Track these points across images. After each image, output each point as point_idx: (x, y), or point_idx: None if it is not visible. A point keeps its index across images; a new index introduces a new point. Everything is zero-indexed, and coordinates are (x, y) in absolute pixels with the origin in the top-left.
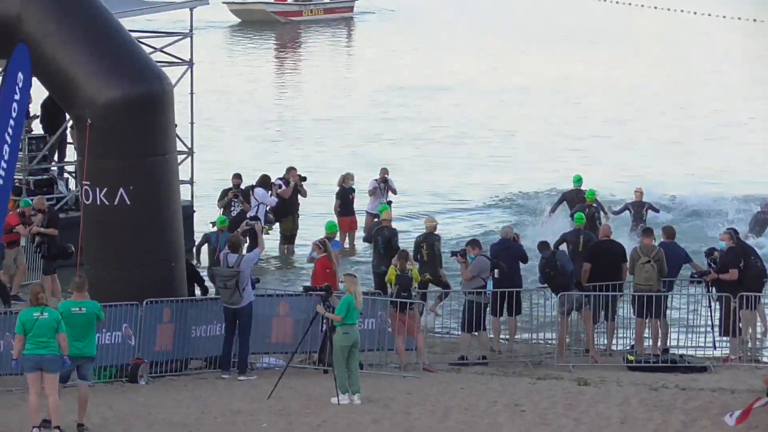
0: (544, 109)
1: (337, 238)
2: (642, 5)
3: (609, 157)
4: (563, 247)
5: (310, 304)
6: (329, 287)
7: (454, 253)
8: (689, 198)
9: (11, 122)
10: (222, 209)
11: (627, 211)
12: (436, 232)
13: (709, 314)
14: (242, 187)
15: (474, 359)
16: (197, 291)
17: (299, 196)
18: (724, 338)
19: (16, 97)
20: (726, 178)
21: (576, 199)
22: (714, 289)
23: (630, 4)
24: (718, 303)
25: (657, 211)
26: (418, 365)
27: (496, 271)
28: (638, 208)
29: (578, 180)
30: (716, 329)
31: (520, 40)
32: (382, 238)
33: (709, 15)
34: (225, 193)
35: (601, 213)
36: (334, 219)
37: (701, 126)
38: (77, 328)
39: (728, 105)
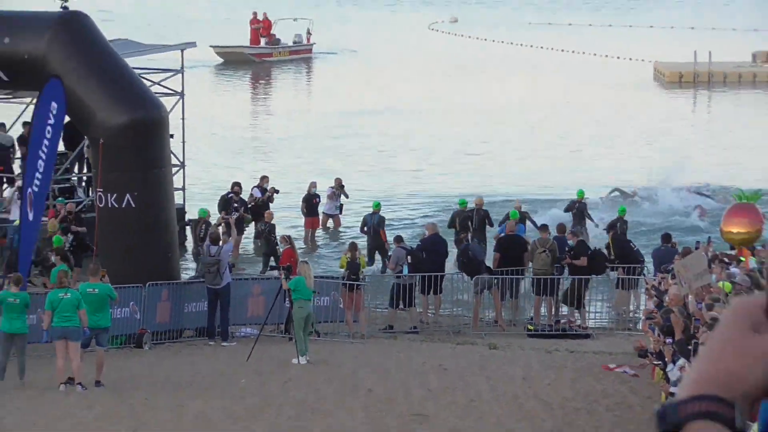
0: (462, 127)
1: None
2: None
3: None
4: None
5: (278, 285)
6: (290, 267)
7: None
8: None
9: (45, 142)
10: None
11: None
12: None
13: (591, 293)
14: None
15: (405, 329)
16: None
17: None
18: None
19: (50, 121)
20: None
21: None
22: (567, 270)
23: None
24: (567, 281)
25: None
26: (363, 334)
27: (409, 258)
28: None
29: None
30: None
31: (460, 73)
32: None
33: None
34: (224, 199)
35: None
36: (302, 219)
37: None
38: (92, 304)
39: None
